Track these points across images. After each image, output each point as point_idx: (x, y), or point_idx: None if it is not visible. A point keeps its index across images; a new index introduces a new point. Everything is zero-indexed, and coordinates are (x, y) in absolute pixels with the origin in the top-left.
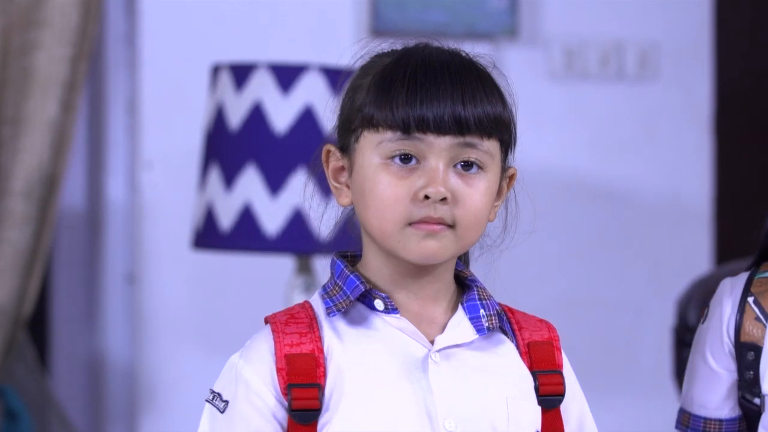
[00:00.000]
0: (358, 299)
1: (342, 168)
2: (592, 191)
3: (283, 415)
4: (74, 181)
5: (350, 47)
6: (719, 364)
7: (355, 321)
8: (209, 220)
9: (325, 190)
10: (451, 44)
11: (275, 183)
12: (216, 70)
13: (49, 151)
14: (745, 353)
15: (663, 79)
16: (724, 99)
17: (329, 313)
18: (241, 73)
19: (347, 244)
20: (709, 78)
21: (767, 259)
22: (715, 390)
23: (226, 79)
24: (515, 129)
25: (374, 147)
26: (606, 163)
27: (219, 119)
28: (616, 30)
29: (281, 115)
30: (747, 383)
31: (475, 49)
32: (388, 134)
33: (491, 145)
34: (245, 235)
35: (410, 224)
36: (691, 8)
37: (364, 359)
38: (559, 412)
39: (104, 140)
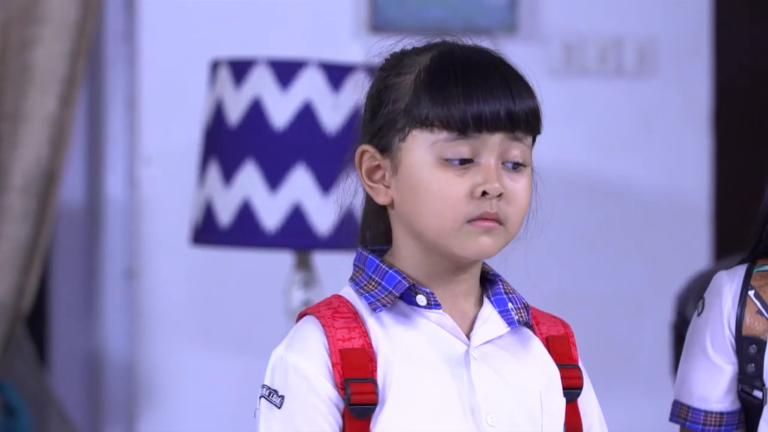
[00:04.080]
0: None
1: (377, 167)
2: (590, 187)
3: (341, 407)
4: (73, 177)
5: (354, 45)
6: (721, 357)
7: (396, 316)
8: (208, 215)
9: (327, 186)
10: (468, 40)
11: (274, 179)
12: (215, 66)
13: (47, 146)
14: (746, 347)
15: (662, 75)
16: (723, 95)
17: (375, 308)
18: (240, 69)
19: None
20: (708, 74)
21: (765, 254)
22: (717, 383)
23: (225, 75)
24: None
25: (428, 146)
26: (604, 159)
27: (218, 115)
28: (615, 26)
29: (280, 110)
30: (749, 376)
31: (482, 44)
32: (444, 134)
33: (529, 141)
34: (244, 231)
35: (468, 221)
36: (690, 4)
37: (410, 354)
38: (577, 405)
39: (103, 136)
